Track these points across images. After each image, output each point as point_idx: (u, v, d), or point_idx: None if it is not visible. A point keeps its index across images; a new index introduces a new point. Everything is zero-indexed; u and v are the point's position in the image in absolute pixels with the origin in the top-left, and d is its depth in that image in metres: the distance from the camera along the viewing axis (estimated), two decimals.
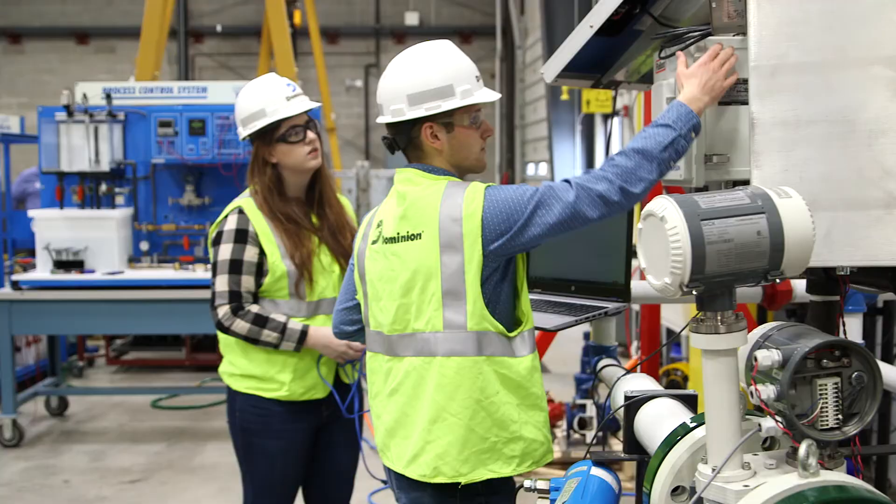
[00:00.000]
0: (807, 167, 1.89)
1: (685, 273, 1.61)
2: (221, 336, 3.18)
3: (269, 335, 3.05)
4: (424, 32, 19.30)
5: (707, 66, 2.19)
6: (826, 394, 1.72)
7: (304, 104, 3.13)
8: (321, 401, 3.19)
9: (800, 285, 3.43)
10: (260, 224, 3.11)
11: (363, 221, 2.64)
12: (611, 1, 2.58)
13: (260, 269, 3.11)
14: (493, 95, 2.46)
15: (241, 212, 3.13)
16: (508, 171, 18.44)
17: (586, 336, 6.54)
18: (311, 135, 3.14)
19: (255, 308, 3.08)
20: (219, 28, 19.22)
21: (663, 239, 1.62)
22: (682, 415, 2.24)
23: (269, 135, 3.09)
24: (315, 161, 3.16)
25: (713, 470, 1.75)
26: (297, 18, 16.26)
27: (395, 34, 19.48)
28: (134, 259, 6.74)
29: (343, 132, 18.69)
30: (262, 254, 3.10)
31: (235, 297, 3.07)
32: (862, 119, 1.86)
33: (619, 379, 2.78)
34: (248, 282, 3.09)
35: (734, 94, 2.38)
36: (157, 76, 8.85)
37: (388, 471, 2.52)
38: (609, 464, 2.41)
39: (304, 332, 3.08)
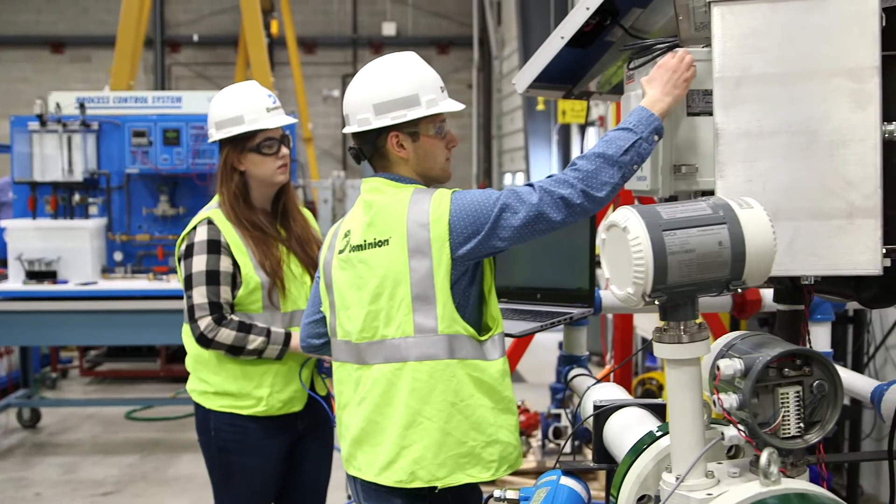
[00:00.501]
0: (770, 177, 1.91)
1: (647, 283, 1.62)
2: (193, 351, 3.13)
3: (255, 340, 2.99)
4: (402, 42, 19.33)
5: (665, 65, 2.22)
6: (788, 402, 1.73)
7: (283, 118, 3.13)
8: (297, 414, 3.16)
9: (769, 294, 3.46)
10: (230, 235, 3.06)
11: (329, 232, 2.64)
12: (582, 12, 2.60)
13: (233, 281, 3.06)
14: (457, 106, 2.49)
15: (210, 222, 3.07)
16: (486, 180, 18.47)
17: (561, 345, 6.56)
18: (284, 150, 3.13)
19: (236, 316, 3.04)
20: (195, 38, 19.18)
21: (626, 249, 1.63)
22: (650, 424, 2.25)
23: (243, 143, 3.07)
24: (283, 176, 3.14)
25: (677, 478, 1.76)
26: (275, 28, 16.24)
27: (372, 44, 19.51)
28: (107, 269, 6.71)
29: (320, 142, 18.67)
30: (235, 265, 3.06)
31: (216, 308, 3.00)
32: (824, 130, 1.87)
33: (588, 388, 2.80)
34: (226, 292, 3.03)
35: (702, 105, 2.40)
36: (133, 85, 8.81)
37: (353, 481, 2.52)
38: (579, 473, 2.41)
39: (287, 335, 3.05)
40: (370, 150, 2.47)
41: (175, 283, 6.42)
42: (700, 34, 2.22)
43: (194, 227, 3.10)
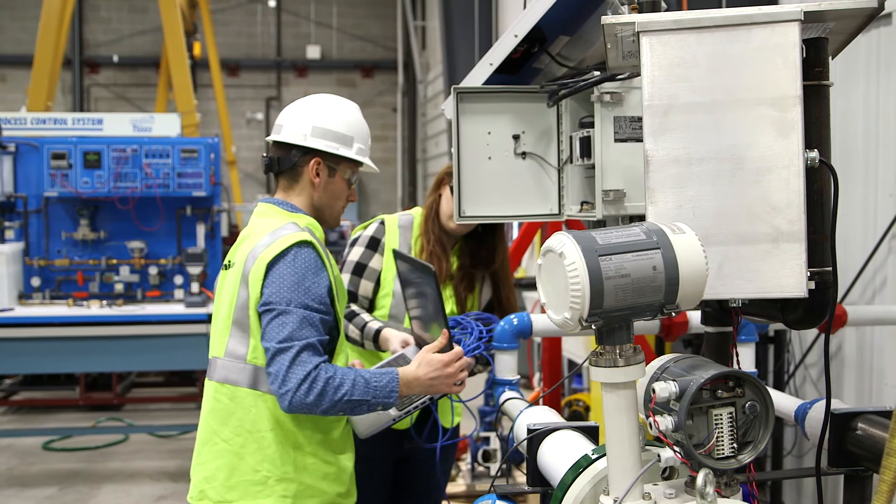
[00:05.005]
0: (699, 203, 1.95)
1: (584, 308, 1.63)
2: None
3: (351, 328, 3.13)
4: (326, 66, 19.28)
5: (445, 368, 2.47)
6: (721, 423, 1.76)
7: None
8: (402, 432, 3.24)
9: (695, 317, 3.53)
10: (393, 238, 3.28)
11: None
12: (510, 39, 2.63)
13: (378, 280, 3.26)
14: (374, 167, 2.68)
15: (381, 223, 3.33)
16: (411, 204, 18.49)
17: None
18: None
19: (354, 306, 3.20)
20: (115, 58, 18.82)
21: (562, 275, 1.64)
22: (585, 446, 2.27)
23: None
24: None
25: (615, 501, 1.77)
26: (197, 50, 16.02)
27: (296, 67, 19.40)
28: (25, 296, 6.53)
29: (244, 165, 18.43)
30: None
31: (352, 298, 3.22)
32: (750, 157, 1.92)
33: (521, 412, 2.80)
34: (366, 287, 3.24)
35: (629, 132, 2.45)
36: (51, 107, 8.62)
37: None
38: (513, 496, 2.42)
39: (378, 332, 3.11)
40: (287, 164, 2.56)
41: (95, 309, 6.28)
42: (627, 62, 2.27)
43: (371, 223, 3.35)
